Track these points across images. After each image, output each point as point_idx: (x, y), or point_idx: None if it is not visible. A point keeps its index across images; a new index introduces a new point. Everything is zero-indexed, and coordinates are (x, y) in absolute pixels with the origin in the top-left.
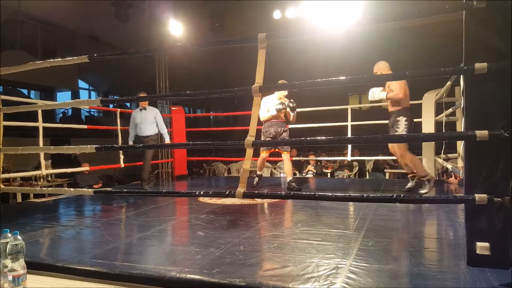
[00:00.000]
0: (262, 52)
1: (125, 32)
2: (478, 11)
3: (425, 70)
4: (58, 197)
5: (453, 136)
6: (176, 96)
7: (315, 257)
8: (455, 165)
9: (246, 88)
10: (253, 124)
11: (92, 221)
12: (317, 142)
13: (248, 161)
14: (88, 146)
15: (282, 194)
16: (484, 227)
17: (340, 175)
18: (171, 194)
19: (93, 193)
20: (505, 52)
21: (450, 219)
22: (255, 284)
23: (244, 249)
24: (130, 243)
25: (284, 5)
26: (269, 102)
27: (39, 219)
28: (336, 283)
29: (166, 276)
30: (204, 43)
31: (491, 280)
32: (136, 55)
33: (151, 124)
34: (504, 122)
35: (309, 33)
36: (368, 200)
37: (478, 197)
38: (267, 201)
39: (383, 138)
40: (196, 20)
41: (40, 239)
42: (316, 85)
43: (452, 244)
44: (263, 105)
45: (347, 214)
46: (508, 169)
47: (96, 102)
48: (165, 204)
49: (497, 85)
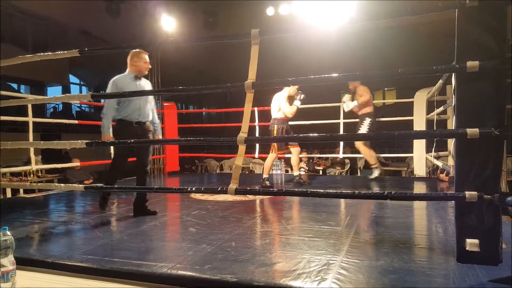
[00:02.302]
0: (255, 48)
1: (117, 27)
2: (471, 10)
3: (417, 68)
4: (49, 193)
5: (444, 134)
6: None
7: (306, 253)
8: (445, 163)
9: (239, 84)
10: (246, 120)
11: (83, 217)
12: (310, 139)
13: (241, 158)
14: (79, 141)
15: (274, 191)
16: (474, 224)
17: (332, 172)
18: (162, 190)
19: (84, 189)
20: (497, 50)
21: (440, 216)
22: (247, 280)
23: (236, 245)
24: (121, 239)
25: (277, 1)
26: (284, 98)
27: (29, 215)
28: (327, 279)
29: (157, 272)
30: (197, 39)
31: (480, 276)
32: (127, 49)
33: (149, 104)
34: (494, 120)
35: (302, 30)
36: (360, 197)
37: (468, 194)
38: (259, 197)
39: (375, 135)
40: (189, 15)
41: (30, 235)
42: (309, 82)
43: (442, 240)
44: (281, 101)
45: (338, 210)
46: (498, 167)
47: (87, 96)
48: (156, 200)
49: (489, 83)
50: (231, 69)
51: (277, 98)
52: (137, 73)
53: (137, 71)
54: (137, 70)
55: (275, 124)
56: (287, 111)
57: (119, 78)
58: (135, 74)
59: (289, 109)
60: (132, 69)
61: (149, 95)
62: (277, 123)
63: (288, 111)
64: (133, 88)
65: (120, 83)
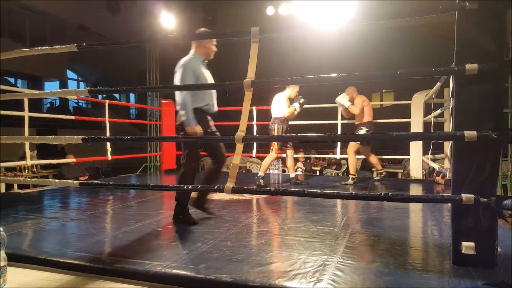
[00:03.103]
0: (255, 46)
1: (116, 23)
2: (470, 12)
3: (416, 69)
4: (43, 189)
5: (442, 136)
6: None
7: (302, 253)
8: (442, 165)
9: (238, 82)
10: (244, 119)
11: (77, 214)
12: (307, 138)
13: (238, 156)
14: (75, 136)
15: (271, 190)
16: (470, 227)
17: (329, 173)
18: (158, 187)
19: (78, 185)
20: (496, 53)
21: (436, 218)
22: (242, 280)
23: (231, 245)
24: (115, 236)
25: (277, 1)
26: (285, 98)
27: (23, 211)
28: (323, 279)
29: (151, 271)
30: (196, 36)
31: (475, 279)
32: (126, 45)
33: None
34: (492, 123)
35: (302, 30)
36: (356, 198)
37: (465, 197)
38: (256, 197)
39: (372, 136)
40: (189, 13)
41: (23, 231)
42: (307, 82)
43: (438, 243)
44: (281, 102)
45: (334, 211)
46: (495, 170)
47: (84, 92)
48: (152, 198)
49: (487, 86)
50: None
51: (278, 97)
52: (206, 57)
53: (206, 54)
54: (206, 53)
55: (275, 124)
56: (285, 111)
57: (190, 61)
58: (204, 57)
59: (287, 109)
60: (200, 51)
61: (148, 91)
62: (277, 122)
63: (286, 111)
64: (205, 73)
65: (193, 67)
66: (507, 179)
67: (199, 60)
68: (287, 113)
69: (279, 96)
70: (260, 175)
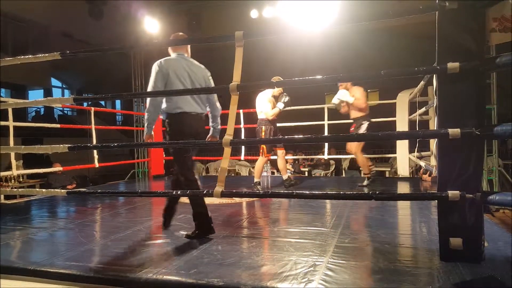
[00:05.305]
0: (240, 50)
1: (99, 29)
2: (450, 12)
3: (400, 69)
4: (30, 198)
5: (427, 134)
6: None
7: (293, 255)
8: (428, 163)
9: (224, 86)
10: (231, 122)
11: (66, 223)
12: (295, 140)
13: (226, 160)
14: (61, 145)
15: (260, 193)
16: (457, 223)
17: (317, 173)
18: (147, 194)
19: (66, 194)
20: (476, 52)
21: (424, 215)
22: (233, 283)
23: (222, 249)
24: (105, 244)
25: (261, 4)
26: (266, 99)
27: (10, 221)
28: (314, 280)
29: (142, 278)
30: (181, 41)
31: (463, 274)
32: (110, 52)
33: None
34: (475, 120)
35: (286, 32)
36: (345, 197)
37: (451, 193)
38: (246, 200)
39: (358, 136)
40: (172, 18)
41: (11, 242)
42: (293, 84)
43: (426, 240)
44: (263, 104)
45: (324, 212)
46: (479, 166)
47: (69, 100)
48: (141, 204)
49: (469, 84)
50: (215, 71)
51: (260, 98)
52: (178, 52)
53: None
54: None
55: (262, 125)
56: (268, 113)
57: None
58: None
59: (270, 111)
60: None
61: (132, 98)
62: (264, 124)
63: (269, 113)
64: (181, 69)
65: (163, 65)
66: (492, 174)
67: (174, 58)
68: (270, 115)
69: (261, 97)
70: (257, 181)
